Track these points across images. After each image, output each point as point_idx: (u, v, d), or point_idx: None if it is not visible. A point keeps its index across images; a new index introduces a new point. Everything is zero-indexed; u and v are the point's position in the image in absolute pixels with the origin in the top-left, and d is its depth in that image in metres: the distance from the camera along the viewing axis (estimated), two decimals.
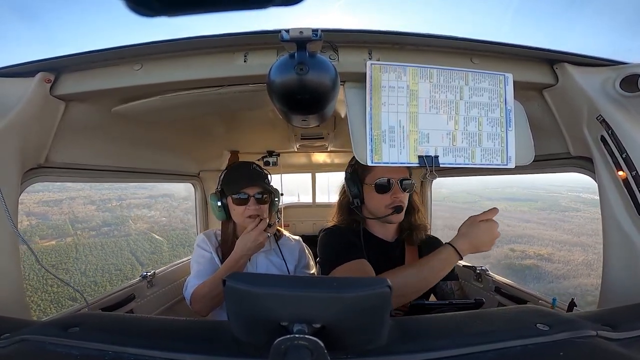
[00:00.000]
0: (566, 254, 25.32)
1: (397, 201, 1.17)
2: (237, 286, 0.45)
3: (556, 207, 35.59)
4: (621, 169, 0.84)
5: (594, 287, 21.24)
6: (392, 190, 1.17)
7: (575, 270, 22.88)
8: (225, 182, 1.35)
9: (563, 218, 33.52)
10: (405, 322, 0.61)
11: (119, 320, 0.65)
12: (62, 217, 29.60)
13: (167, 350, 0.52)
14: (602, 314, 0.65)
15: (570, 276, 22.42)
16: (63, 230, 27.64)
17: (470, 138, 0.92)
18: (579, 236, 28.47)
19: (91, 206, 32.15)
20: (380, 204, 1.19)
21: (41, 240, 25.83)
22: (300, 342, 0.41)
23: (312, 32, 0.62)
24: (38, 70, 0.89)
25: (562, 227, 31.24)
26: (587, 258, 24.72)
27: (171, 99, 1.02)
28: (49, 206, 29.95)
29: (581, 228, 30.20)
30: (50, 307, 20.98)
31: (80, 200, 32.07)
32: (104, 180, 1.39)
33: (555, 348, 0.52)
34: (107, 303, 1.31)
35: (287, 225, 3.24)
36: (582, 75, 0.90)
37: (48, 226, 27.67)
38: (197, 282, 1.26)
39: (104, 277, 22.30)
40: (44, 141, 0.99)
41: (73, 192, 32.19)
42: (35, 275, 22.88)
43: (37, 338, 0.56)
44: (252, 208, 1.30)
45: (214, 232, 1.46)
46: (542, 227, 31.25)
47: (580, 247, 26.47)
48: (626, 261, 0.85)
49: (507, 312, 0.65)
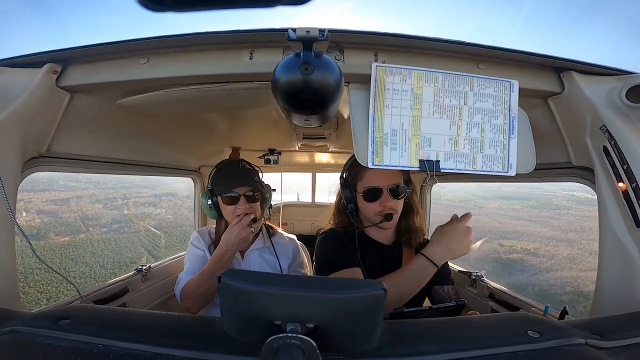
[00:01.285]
0: (552, 249, 25.90)
1: (386, 209, 1.15)
2: (232, 283, 0.45)
3: (548, 205, 36.42)
4: (621, 180, 0.84)
5: (573, 279, 22.26)
6: (382, 198, 1.16)
7: (559, 264, 23.71)
8: (214, 181, 1.34)
9: (554, 216, 34.28)
10: (397, 325, 0.61)
11: (111, 314, 0.65)
12: (72, 214, 30.20)
13: (158, 345, 0.51)
14: (592, 323, 0.65)
15: (553, 269, 23.27)
16: (75, 227, 28.19)
17: (472, 144, 0.91)
18: (567, 232, 29.21)
19: (98, 204, 32.79)
20: (370, 211, 1.18)
21: (56, 236, 26.15)
22: (293, 341, 0.41)
23: (319, 32, 0.62)
24: (46, 61, 0.89)
25: (552, 224, 31.98)
26: (572, 253, 25.45)
27: (175, 94, 1.02)
28: (57, 205, 30.46)
29: (570, 225, 30.91)
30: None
31: (86, 199, 32.76)
32: (104, 172, 1.39)
33: (544, 355, 0.52)
34: (100, 296, 1.31)
35: (286, 224, 3.24)
36: (589, 85, 0.90)
37: (60, 223, 28.08)
38: (187, 279, 1.28)
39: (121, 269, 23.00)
40: (46, 131, 0.99)
41: (78, 191, 32.80)
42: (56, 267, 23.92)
43: (27, 329, 0.56)
44: (242, 207, 1.29)
45: (208, 230, 1.46)
46: (533, 224, 32.07)
47: (566, 242, 27.06)
48: (621, 272, 0.85)
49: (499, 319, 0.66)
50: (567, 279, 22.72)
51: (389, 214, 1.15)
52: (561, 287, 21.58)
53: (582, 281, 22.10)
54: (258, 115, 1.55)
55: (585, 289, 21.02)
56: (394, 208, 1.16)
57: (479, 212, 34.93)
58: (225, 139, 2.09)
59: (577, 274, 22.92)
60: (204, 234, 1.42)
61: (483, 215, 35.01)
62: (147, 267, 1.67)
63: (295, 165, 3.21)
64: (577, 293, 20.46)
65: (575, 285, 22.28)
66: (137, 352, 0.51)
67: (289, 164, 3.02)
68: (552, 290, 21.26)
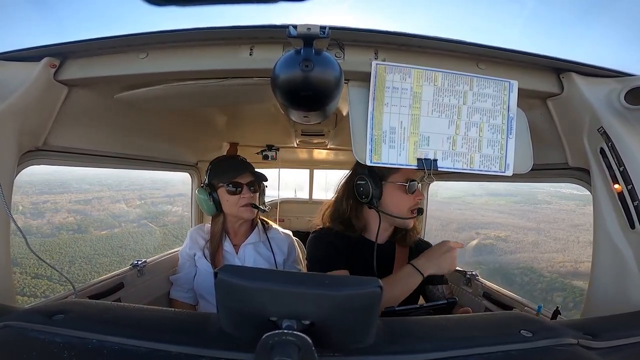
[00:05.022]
0: (520, 237, 30.27)
1: (419, 203, 1.15)
2: (228, 279, 0.45)
3: (530, 201, 39.94)
4: (617, 182, 0.85)
5: (530, 259, 26.96)
6: (417, 191, 1.15)
7: (522, 248, 28.39)
8: (215, 173, 1.34)
9: (533, 210, 38.13)
10: (393, 323, 0.62)
11: (106, 309, 0.64)
12: (100, 213, 33.24)
13: (153, 340, 0.51)
14: (584, 323, 0.66)
15: (517, 252, 27.81)
16: (108, 222, 31.39)
17: (470, 143, 0.92)
18: (539, 223, 33.02)
19: (119, 204, 35.66)
20: (405, 205, 1.14)
21: (95, 230, 29.48)
22: (289, 337, 0.41)
23: (319, 29, 0.62)
24: (44, 55, 0.88)
25: (528, 216, 36.08)
26: (537, 239, 29.77)
27: (174, 89, 1.01)
28: (82, 204, 33.45)
29: (545, 217, 34.92)
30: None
31: (107, 199, 35.61)
32: (101, 166, 1.38)
33: (536, 355, 0.53)
34: (95, 291, 1.30)
35: (282, 220, 3.24)
36: (588, 86, 0.90)
37: (94, 220, 31.41)
38: (177, 291, 1.44)
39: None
40: (43, 125, 0.99)
41: (96, 193, 35.77)
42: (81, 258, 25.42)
43: (20, 325, 0.55)
44: (247, 196, 1.30)
45: (204, 227, 1.46)
46: (511, 216, 36.12)
47: (535, 231, 31.38)
48: (614, 273, 0.86)
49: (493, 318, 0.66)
50: (524, 259, 27.48)
51: (421, 208, 1.17)
52: (516, 265, 25.92)
53: (537, 261, 26.59)
54: (257, 111, 1.54)
55: (536, 266, 25.77)
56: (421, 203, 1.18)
57: (466, 207, 38.46)
58: (224, 135, 2.08)
59: (535, 256, 27.44)
60: (198, 234, 1.44)
61: (469, 210, 38.59)
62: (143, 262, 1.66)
63: (293, 161, 3.21)
64: (528, 269, 25.03)
65: (528, 263, 26.86)
66: (131, 348, 0.50)
67: (287, 160, 3.01)
68: (509, 267, 25.34)
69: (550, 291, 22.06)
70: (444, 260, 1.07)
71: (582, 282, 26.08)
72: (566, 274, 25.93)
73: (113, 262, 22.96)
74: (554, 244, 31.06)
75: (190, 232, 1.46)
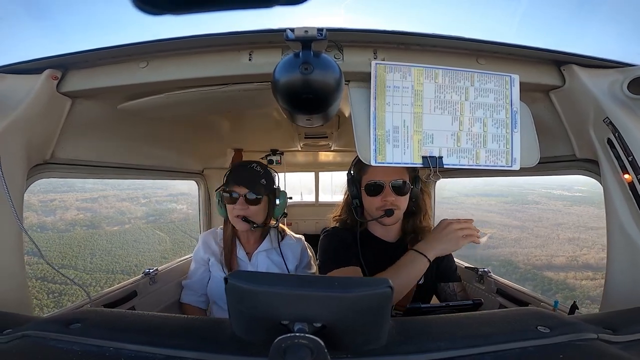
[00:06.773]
0: (505, 233, 32.85)
1: (387, 204, 1.16)
2: (238, 284, 0.45)
3: (520, 201, 41.77)
4: (627, 171, 0.83)
5: (511, 254, 29.67)
6: (383, 193, 1.16)
7: (505, 243, 31.06)
8: (226, 178, 1.36)
9: (520, 209, 40.06)
10: (405, 323, 0.61)
11: (121, 317, 0.65)
12: (108, 210, 34.96)
13: (168, 347, 0.52)
14: (603, 317, 0.65)
15: (499, 247, 30.60)
16: (118, 219, 33.23)
17: (475, 139, 0.91)
18: (525, 222, 35.40)
19: (125, 202, 36.98)
20: (371, 205, 1.19)
21: (107, 226, 31.40)
22: (301, 341, 0.41)
23: (317, 31, 0.62)
24: (45, 67, 0.89)
25: (515, 215, 38.14)
26: (520, 236, 32.39)
27: (176, 97, 1.02)
28: (90, 203, 34.89)
29: (531, 216, 37.01)
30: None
31: (112, 198, 36.93)
32: (109, 177, 1.40)
33: (555, 350, 0.52)
34: (109, 299, 1.32)
35: (290, 223, 3.25)
36: (590, 77, 0.89)
37: (104, 217, 33.13)
38: (189, 295, 1.45)
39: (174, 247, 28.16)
40: (50, 138, 1.00)
41: (100, 192, 36.94)
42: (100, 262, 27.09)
43: (39, 334, 0.56)
44: (238, 208, 1.28)
45: (216, 231, 1.47)
46: (499, 215, 38.27)
47: (519, 229, 33.78)
48: (630, 264, 0.84)
49: (508, 314, 0.65)
50: (504, 254, 30.15)
51: (390, 210, 1.15)
52: (496, 258, 28.36)
53: (516, 255, 29.37)
54: (259, 116, 1.55)
55: (514, 259, 28.71)
56: (395, 204, 1.16)
57: (458, 207, 41.02)
58: (228, 141, 2.09)
59: (515, 250, 30.20)
60: (212, 239, 1.44)
61: (460, 209, 41.53)
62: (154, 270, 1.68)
63: (298, 165, 3.21)
64: (506, 262, 28.81)
65: (507, 256, 29.56)
66: (147, 355, 0.51)
67: (292, 164, 3.01)
68: (490, 259, 27.37)
69: (522, 281, 24.00)
70: (446, 238, 1.03)
71: (552, 273, 28.80)
72: (540, 267, 28.49)
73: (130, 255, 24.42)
74: (535, 240, 32.96)
75: (202, 236, 1.47)
